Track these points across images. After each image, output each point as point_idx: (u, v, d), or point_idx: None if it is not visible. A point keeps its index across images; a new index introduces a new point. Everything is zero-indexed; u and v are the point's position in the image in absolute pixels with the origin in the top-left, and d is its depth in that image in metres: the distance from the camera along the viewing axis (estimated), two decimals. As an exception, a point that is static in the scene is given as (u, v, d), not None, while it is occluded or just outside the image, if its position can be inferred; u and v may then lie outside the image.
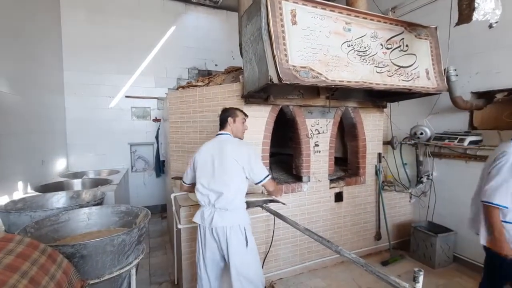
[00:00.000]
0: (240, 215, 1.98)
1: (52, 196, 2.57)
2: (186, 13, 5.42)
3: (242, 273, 1.92)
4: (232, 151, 1.97)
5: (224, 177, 1.94)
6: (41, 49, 3.66)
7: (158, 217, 5.06)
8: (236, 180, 1.96)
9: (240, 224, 1.95)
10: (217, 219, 1.93)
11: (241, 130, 2.17)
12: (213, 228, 1.95)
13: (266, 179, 2.04)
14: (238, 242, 1.93)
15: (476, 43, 3.04)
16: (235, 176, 1.96)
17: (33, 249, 1.14)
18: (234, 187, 1.95)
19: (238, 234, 1.93)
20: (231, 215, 1.94)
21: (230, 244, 1.91)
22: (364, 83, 2.43)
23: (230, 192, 1.93)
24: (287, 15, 2.12)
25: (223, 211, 1.94)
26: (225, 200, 1.92)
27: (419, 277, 1.03)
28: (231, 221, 1.93)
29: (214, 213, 1.95)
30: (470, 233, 3.14)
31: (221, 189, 1.93)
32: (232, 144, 2.03)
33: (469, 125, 3.21)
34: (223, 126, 2.16)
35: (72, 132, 4.59)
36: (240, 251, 1.93)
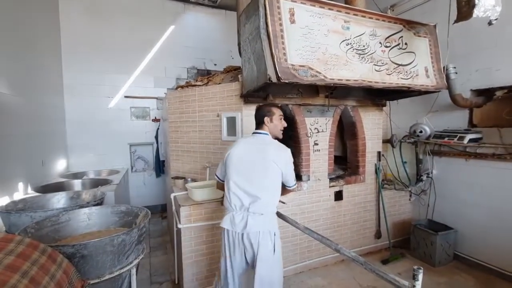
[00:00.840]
0: (273, 220, 1.91)
1: (52, 196, 2.58)
2: (184, 13, 5.42)
3: (265, 280, 1.85)
4: (274, 154, 1.86)
5: (263, 180, 1.84)
6: (40, 49, 3.66)
7: (159, 217, 5.07)
8: (274, 185, 1.88)
9: (271, 230, 1.86)
10: (251, 224, 1.81)
11: (279, 129, 2.04)
12: (245, 233, 1.83)
13: (295, 185, 2.02)
14: (267, 248, 1.84)
15: (476, 41, 3.04)
16: (274, 181, 1.87)
17: (33, 249, 1.14)
18: (272, 192, 1.87)
19: (268, 241, 1.84)
20: (264, 220, 1.84)
21: (260, 250, 1.82)
22: (363, 81, 2.43)
23: (268, 196, 1.84)
24: (285, 14, 2.11)
25: (257, 215, 1.83)
26: (260, 205, 1.82)
27: (419, 275, 1.04)
28: (264, 226, 1.84)
29: (247, 217, 1.82)
30: (471, 231, 3.16)
31: (259, 194, 1.81)
32: (274, 147, 1.91)
33: (469, 123, 3.21)
34: (260, 126, 2.03)
35: (72, 133, 4.59)
36: (267, 258, 1.84)
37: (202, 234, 2.58)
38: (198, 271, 2.59)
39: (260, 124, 2.02)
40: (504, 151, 2.81)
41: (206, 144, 3.18)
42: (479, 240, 3.09)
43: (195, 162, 3.30)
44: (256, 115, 2.06)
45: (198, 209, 2.56)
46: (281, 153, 1.90)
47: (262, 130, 2.01)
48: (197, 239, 2.57)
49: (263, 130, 2.00)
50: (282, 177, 1.91)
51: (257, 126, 2.05)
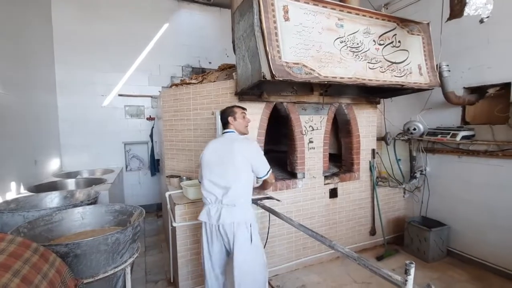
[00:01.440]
0: (247, 211, 1.97)
1: (45, 196, 2.56)
2: (179, 10, 5.38)
3: (244, 269, 1.92)
4: (240, 148, 1.97)
5: (232, 172, 1.94)
6: (31, 46, 3.61)
7: (154, 216, 5.05)
8: (244, 176, 1.96)
9: (247, 221, 1.94)
10: (225, 215, 1.91)
11: (243, 125, 2.17)
12: (220, 225, 1.93)
13: (268, 173, 2.08)
14: (243, 238, 1.92)
15: (468, 39, 3.07)
16: (243, 172, 1.95)
17: (25, 248, 1.13)
18: (242, 182, 1.95)
19: (244, 231, 1.92)
20: (238, 211, 1.93)
21: (236, 240, 1.91)
22: (357, 79, 2.44)
23: (238, 187, 1.93)
24: (279, 11, 2.11)
25: (230, 207, 1.92)
26: (232, 196, 1.92)
27: (411, 270, 1.05)
28: (238, 217, 1.92)
29: (221, 209, 1.93)
30: (463, 227, 3.21)
31: (229, 184, 1.92)
32: (239, 141, 2.03)
33: (462, 120, 3.25)
34: (226, 126, 2.17)
35: (65, 132, 4.54)
36: (244, 248, 1.92)
37: (197, 233, 2.58)
38: (193, 269, 2.59)
39: (226, 124, 2.16)
40: (496, 147, 2.85)
41: (201, 142, 3.17)
42: (471, 236, 3.13)
43: (190, 160, 3.29)
44: (221, 117, 2.20)
45: (193, 207, 2.55)
46: (246, 145, 2.02)
47: (228, 129, 2.15)
48: (192, 237, 2.57)
49: (229, 129, 2.14)
50: (253, 169, 2.00)
51: (224, 127, 2.20)
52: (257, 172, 2.04)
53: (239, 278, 1.91)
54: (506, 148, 2.76)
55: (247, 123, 2.20)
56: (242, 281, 1.91)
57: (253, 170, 2.01)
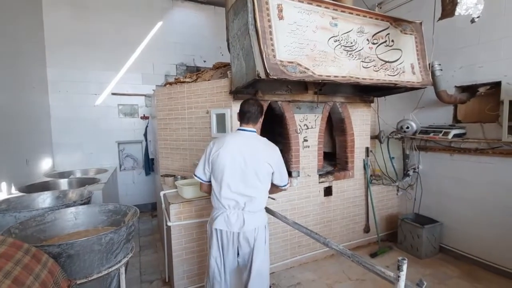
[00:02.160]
0: (264, 215, 1.95)
1: (37, 196, 2.52)
2: (172, 8, 5.34)
3: (260, 270, 1.88)
4: (266, 155, 1.84)
5: (256, 181, 1.81)
6: (22, 44, 3.54)
7: (148, 215, 5.02)
8: (265, 183, 1.87)
9: (265, 225, 1.93)
10: (249, 222, 1.81)
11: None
12: (242, 232, 1.82)
13: (288, 183, 2.01)
14: (263, 240, 1.89)
15: (460, 38, 3.11)
16: (265, 179, 1.85)
17: (16, 249, 1.12)
18: (265, 191, 1.89)
19: (264, 233, 1.89)
20: (259, 216, 1.88)
21: (256, 244, 1.84)
22: (351, 78, 2.46)
23: (262, 196, 1.86)
24: (273, 10, 2.11)
25: (252, 213, 1.83)
26: (256, 204, 1.83)
27: (403, 266, 1.06)
28: (260, 221, 1.87)
29: (243, 216, 1.81)
30: (455, 224, 3.26)
31: (253, 194, 1.81)
32: (265, 146, 1.89)
33: (453, 119, 3.30)
34: (251, 121, 1.91)
35: (57, 131, 4.48)
36: (262, 250, 1.89)
37: (192, 232, 2.57)
38: (189, 269, 2.58)
39: (253, 119, 1.91)
40: (486, 145, 2.90)
41: (196, 141, 3.16)
42: (463, 232, 3.19)
43: (184, 159, 3.28)
44: (250, 108, 1.89)
45: (188, 207, 2.54)
46: (273, 153, 1.89)
47: (251, 127, 1.92)
48: (187, 237, 2.56)
49: (252, 128, 1.93)
50: (273, 176, 1.89)
51: (246, 122, 1.92)
52: (278, 181, 1.92)
53: (255, 279, 1.85)
54: (496, 146, 2.81)
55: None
56: (256, 280, 1.86)
57: (273, 178, 1.90)
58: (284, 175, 1.94)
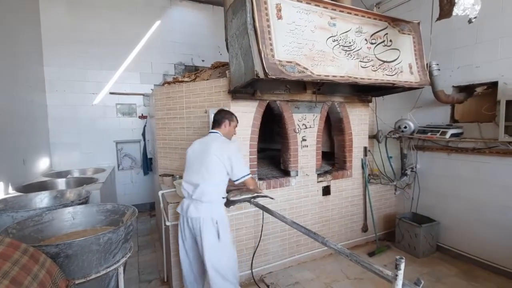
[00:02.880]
0: (214, 208, 2.07)
1: (35, 196, 2.51)
2: (171, 7, 5.33)
3: (214, 264, 2.03)
4: (216, 148, 2.06)
5: (203, 171, 2.05)
6: (19, 43, 3.52)
7: (147, 215, 5.01)
8: (214, 175, 2.05)
9: (213, 217, 2.04)
10: (192, 210, 2.05)
11: (231, 134, 2.30)
12: (189, 218, 2.07)
13: (245, 177, 2.12)
14: (211, 234, 2.03)
15: (457, 38, 3.13)
16: (214, 171, 2.04)
17: (14, 249, 1.11)
18: (212, 182, 2.05)
19: (211, 227, 2.03)
20: (205, 207, 2.04)
21: (203, 235, 2.02)
22: (349, 77, 2.46)
23: (206, 185, 2.03)
24: (272, 10, 2.11)
25: (198, 203, 2.05)
26: (200, 192, 2.03)
27: (401, 265, 1.07)
28: (204, 213, 2.03)
29: (190, 204, 2.07)
30: (453, 223, 3.28)
31: (198, 181, 2.05)
32: (217, 142, 2.11)
33: (451, 118, 3.31)
34: (216, 125, 2.25)
35: (55, 130, 4.46)
36: (212, 243, 2.03)
37: (191, 231, 2.57)
38: (187, 268, 2.58)
39: (218, 124, 2.24)
40: (483, 145, 2.92)
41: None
42: (460, 231, 3.21)
43: (183, 159, 3.24)
44: (217, 116, 2.26)
45: (185, 205, 2.54)
46: (225, 146, 2.09)
47: (216, 129, 2.23)
48: (186, 236, 2.55)
49: (217, 130, 2.23)
50: (227, 171, 2.08)
51: (213, 126, 2.27)
52: (231, 175, 2.11)
53: (211, 273, 2.03)
54: (493, 145, 2.83)
55: (233, 135, 2.35)
56: (214, 276, 2.03)
57: (227, 172, 2.09)
58: (237, 170, 2.08)
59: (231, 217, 2.73)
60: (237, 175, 2.10)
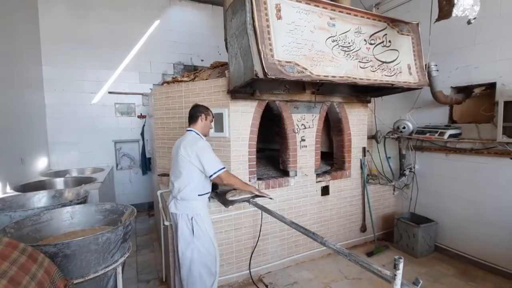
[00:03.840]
0: (189, 205, 2.16)
1: (33, 195, 2.50)
2: (170, 7, 5.32)
3: (186, 259, 2.13)
4: (183, 148, 2.13)
5: (176, 170, 2.17)
6: (17, 42, 3.51)
7: (145, 215, 5.00)
8: (185, 174, 2.13)
9: (188, 214, 2.15)
10: (171, 206, 2.21)
11: (208, 128, 2.36)
12: (171, 213, 2.23)
13: (218, 172, 2.13)
14: (185, 229, 2.14)
15: (456, 39, 3.14)
16: (183, 169, 2.13)
17: (12, 248, 1.11)
18: (183, 180, 2.14)
19: (186, 222, 2.15)
20: (181, 204, 2.16)
21: (178, 229, 2.16)
22: (348, 78, 2.46)
23: (179, 183, 2.14)
24: (272, 10, 2.11)
25: (176, 199, 2.19)
26: (176, 190, 2.16)
27: (400, 264, 1.07)
28: (180, 209, 2.16)
29: (171, 200, 2.23)
30: (450, 223, 3.29)
31: (174, 180, 2.19)
32: (187, 140, 2.17)
33: (449, 119, 3.32)
34: (193, 121, 2.29)
35: (53, 130, 4.44)
36: (185, 238, 2.14)
37: (190, 231, 2.56)
38: (186, 268, 2.58)
39: (194, 120, 2.27)
40: (481, 146, 2.93)
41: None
42: (458, 231, 3.22)
43: (182, 159, 3.26)
44: (191, 112, 2.29)
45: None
46: (189, 147, 2.12)
47: (191, 127, 2.28)
48: (185, 236, 2.55)
49: (192, 128, 2.27)
50: (199, 168, 2.13)
51: (189, 122, 2.31)
52: (204, 172, 2.15)
53: (183, 267, 2.14)
54: (491, 146, 2.84)
55: (211, 127, 2.42)
56: (187, 270, 2.14)
57: (200, 170, 2.14)
58: (208, 166, 2.12)
59: (230, 217, 2.73)
60: (209, 171, 2.12)
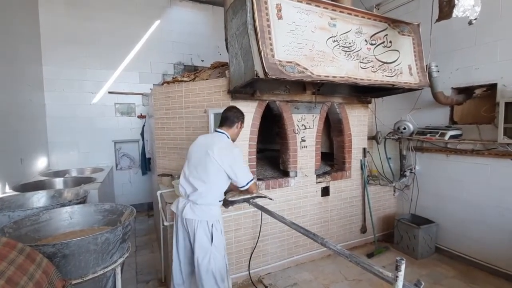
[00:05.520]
0: (210, 211, 2.03)
1: (32, 195, 2.48)
2: (170, 7, 5.32)
3: (205, 266, 2.00)
4: (218, 153, 1.97)
5: (202, 174, 2.00)
6: (17, 42, 3.50)
7: (145, 215, 4.99)
8: (213, 179, 1.99)
9: (208, 220, 2.01)
10: (187, 211, 2.01)
11: (238, 135, 2.22)
12: (184, 219, 2.04)
13: (249, 183, 2.08)
14: (204, 237, 2.01)
15: (457, 40, 3.13)
16: (213, 176, 1.99)
17: (10, 248, 1.10)
18: (210, 186, 2.00)
19: (205, 229, 2.01)
20: (200, 210, 2.01)
21: (196, 237, 2.00)
22: (349, 78, 2.46)
23: (205, 188, 1.99)
24: (272, 10, 2.11)
25: (194, 205, 2.02)
26: (198, 194, 2.00)
27: (401, 266, 1.06)
28: (199, 215, 2.00)
29: (186, 204, 2.04)
30: (451, 224, 3.28)
31: (197, 185, 2.00)
32: (220, 145, 2.02)
33: (450, 120, 3.32)
34: (225, 124, 2.14)
35: (53, 130, 4.43)
36: (204, 246, 2.00)
37: (189, 232, 2.55)
38: (185, 269, 2.56)
39: (227, 123, 2.13)
40: (482, 147, 2.92)
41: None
42: (459, 233, 3.21)
43: (181, 159, 3.25)
44: (227, 114, 2.14)
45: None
46: (226, 152, 1.99)
47: (223, 129, 2.13)
48: (184, 237, 2.54)
49: (224, 130, 2.12)
50: (230, 177, 2.03)
51: (221, 124, 2.16)
52: (235, 182, 2.06)
53: (202, 275, 2.00)
54: (491, 147, 2.83)
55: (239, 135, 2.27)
56: (204, 278, 2.01)
57: (230, 178, 2.03)
58: (241, 177, 2.03)
59: (229, 217, 2.72)
60: (243, 182, 2.04)
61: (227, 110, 2.16)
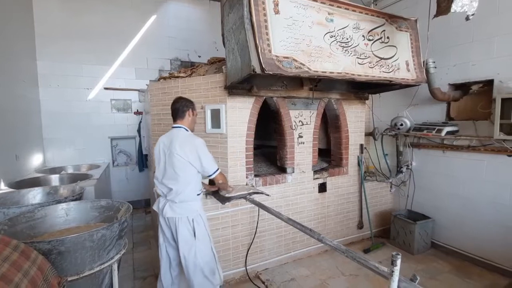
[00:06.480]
0: (189, 207, 2.05)
1: (27, 192, 2.47)
2: (167, 2, 5.25)
3: (191, 261, 2.04)
4: (179, 147, 1.99)
5: (171, 173, 2.02)
6: (11, 37, 3.45)
7: (142, 212, 4.98)
8: (184, 176, 2.01)
9: (189, 216, 2.04)
10: (167, 210, 2.05)
11: (194, 123, 2.25)
12: (165, 217, 2.07)
13: (217, 171, 2.11)
14: (187, 232, 2.04)
15: (454, 36, 3.13)
16: (182, 172, 2.00)
17: (4, 245, 1.09)
18: (182, 182, 2.01)
19: (187, 225, 2.04)
20: (179, 207, 2.04)
21: (179, 234, 2.03)
22: (346, 74, 2.45)
23: (178, 186, 2.01)
24: (269, 4, 2.08)
25: (173, 203, 2.04)
26: (174, 194, 2.02)
27: (397, 261, 1.07)
28: (179, 212, 2.03)
29: (166, 204, 2.07)
30: (447, 220, 3.31)
31: (171, 185, 2.02)
32: (180, 140, 2.03)
33: (447, 116, 3.33)
34: (177, 118, 2.14)
35: (48, 126, 4.39)
36: (187, 241, 2.03)
37: (186, 228, 2.55)
38: (183, 265, 2.57)
39: (180, 115, 2.12)
40: (478, 143, 2.94)
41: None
42: (455, 228, 3.23)
43: (178, 155, 3.24)
44: (176, 106, 2.12)
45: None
46: (186, 147, 2.00)
47: (179, 123, 2.13)
48: (181, 233, 2.54)
49: (180, 124, 2.13)
50: (196, 168, 2.03)
51: (175, 119, 2.15)
52: (202, 172, 2.08)
53: (188, 271, 2.05)
54: (487, 143, 2.85)
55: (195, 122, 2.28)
56: (191, 274, 2.05)
57: (197, 169, 2.05)
58: (207, 167, 2.05)
59: (226, 214, 2.72)
60: (210, 171, 2.07)
61: (174, 102, 2.16)
